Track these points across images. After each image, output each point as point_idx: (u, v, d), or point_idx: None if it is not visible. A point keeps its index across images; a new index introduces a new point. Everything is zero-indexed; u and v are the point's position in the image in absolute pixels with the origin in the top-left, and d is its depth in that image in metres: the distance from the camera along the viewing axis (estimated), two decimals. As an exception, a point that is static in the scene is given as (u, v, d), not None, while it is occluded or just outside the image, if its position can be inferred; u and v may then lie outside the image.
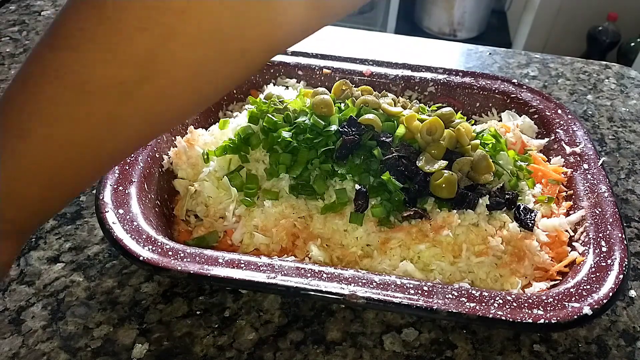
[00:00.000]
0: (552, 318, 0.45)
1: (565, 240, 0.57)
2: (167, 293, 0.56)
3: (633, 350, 0.53)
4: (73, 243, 0.61)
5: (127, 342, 0.51)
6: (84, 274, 0.58)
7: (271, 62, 0.76)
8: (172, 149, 0.66)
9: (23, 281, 0.57)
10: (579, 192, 0.60)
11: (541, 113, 0.72)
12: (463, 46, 1.09)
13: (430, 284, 0.48)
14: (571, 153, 0.65)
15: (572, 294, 0.48)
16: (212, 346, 0.51)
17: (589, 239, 0.54)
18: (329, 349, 0.52)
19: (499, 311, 0.46)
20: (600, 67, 1.02)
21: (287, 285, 0.48)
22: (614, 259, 0.51)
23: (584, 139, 0.66)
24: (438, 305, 0.46)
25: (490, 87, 0.75)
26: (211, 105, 0.74)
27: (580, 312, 0.46)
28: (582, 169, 0.63)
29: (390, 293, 0.47)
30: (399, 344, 0.52)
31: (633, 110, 0.91)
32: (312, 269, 0.49)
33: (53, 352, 0.50)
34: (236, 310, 0.55)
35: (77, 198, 0.67)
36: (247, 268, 0.49)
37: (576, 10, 2.29)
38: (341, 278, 0.48)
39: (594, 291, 0.48)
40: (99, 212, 0.52)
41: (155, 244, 0.50)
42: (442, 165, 0.56)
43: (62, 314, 0.54)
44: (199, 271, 0.48)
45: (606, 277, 0.49)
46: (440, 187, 0.55)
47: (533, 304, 0.47)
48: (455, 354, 0.52)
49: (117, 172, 0.57)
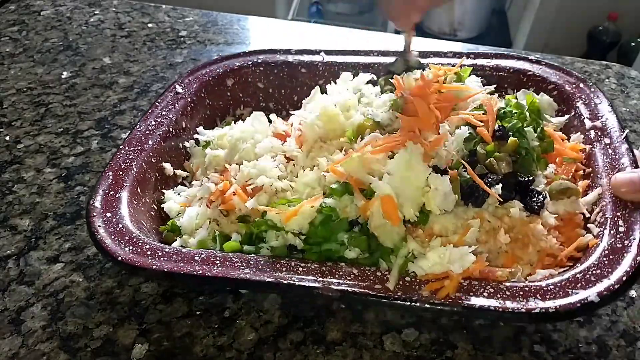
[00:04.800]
0: (550, 307, 0.41)
1: (579, 222, 0.52)
2: (167, 293, 0.56)
3: (633, 350, 0.53)
4: (73, 243, 0.61)
5: (127, 342, 0.51)
6: (84, 274, 0.58)
7: (274, 62, 0.76)
8: (185, 162, 0.67)
9: (23, 281, 0.57)
10: (597, 168, 0.54)
11: (561, 89, 0.66)
12: (463, 46, 1.09)
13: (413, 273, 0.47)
14: (592, 127, 0.59)
15: (577, 279, 0.43)
16: (212, 346, 0.51)
17: (604, 219, 0.49)
18: (329, 349, 0.52)
19: (488, 300, 0.42)
20: (600, 67, 1.02)
21: (261, 280, 0.47)
22: (633, 239, 0.45)
23: (607, 112, 0.60)
24: (418, 296, 0.44)
25: (505, 67, 0.71)
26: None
27: (585, 300, 0.41)
28: (602, 143, 0.56)
29: (367, 284, 0.45)
30: (399, 344, 0.52)
31: (633, 110, 0.91)
32: (287, 263, 0.49)
33: (53, 352, 0.50)
34: (236, 310, 0.54)
35: (77, 198, 0.67)
36: (222, 265, 0.49)
37: (576, 10, 2.29)
38: (316, 271, 0.47)
39: (604, 276, 0.43)
40: (87, 216, 0.53)
41: (137, 244, 0.51)
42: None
43: (61, 314, 0.54)
44: (172, 269, 0.48)
45: (621, 260, 0.44)
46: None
47: (529, 292, 0.43)
48: (456, 354, 0.52)
49: (111, 178, 0.57)
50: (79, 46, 0.99)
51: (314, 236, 0.52)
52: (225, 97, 0.76)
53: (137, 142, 0.62)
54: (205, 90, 0.73)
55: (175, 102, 0.69)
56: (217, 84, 0.74)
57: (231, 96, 0.76)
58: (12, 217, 0.64)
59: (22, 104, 0.83)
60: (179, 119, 0.68)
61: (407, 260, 0.49)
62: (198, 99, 0.72)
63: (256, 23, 1.12)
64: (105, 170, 0.58)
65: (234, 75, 0.75)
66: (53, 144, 0.76)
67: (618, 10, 2.25)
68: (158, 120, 0.66)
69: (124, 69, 0.93)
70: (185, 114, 0.69)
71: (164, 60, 0.96)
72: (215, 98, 0.74)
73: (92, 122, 0.80)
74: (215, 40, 1.04)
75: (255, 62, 0.76)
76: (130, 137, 0.63)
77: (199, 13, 1.13)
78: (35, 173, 0.71)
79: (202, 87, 0.73)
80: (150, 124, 0.65)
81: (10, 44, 0.98)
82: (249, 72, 0.76)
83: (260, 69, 0.76)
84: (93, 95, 0.86)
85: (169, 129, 0.66)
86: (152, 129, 0.65)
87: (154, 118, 0.66)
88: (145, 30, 1.06)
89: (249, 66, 0.76)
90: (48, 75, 0.90)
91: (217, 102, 0.75)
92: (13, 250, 0.60)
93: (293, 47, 0.78)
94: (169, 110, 0.68)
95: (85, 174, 0.71)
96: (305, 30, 1.14)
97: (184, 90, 0.71)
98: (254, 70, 0.76)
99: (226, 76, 0.75)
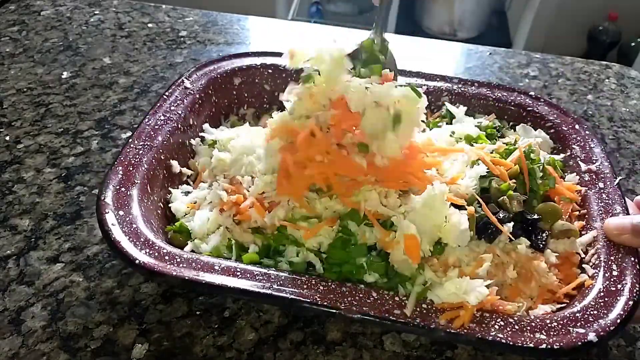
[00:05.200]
0: (554, 343, 0.44)
1: (575, 262, 0.55)
2: (166, 293, 0.56)
3: (633, 350, 0.53)
4: (72, 243, 0.61)
5: (127, 343, 0.51)
6: (84, 274, 0.58)
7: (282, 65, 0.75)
8: (190, 160, 0.67)
9: (22, 281, 0.57)
10: (592, 211, 0.58)
11: (557, 128, 0.69)
12: (463, 46, 1.09)
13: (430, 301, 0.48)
14: (587, 170, 0.62)
15: (577, 318, 0.46)
16: (212, 346, 0.51)
17: (599, 262, 0.52)
18: (329, 349, 0.52)
19: (499, 333, 0.45)
20: (600, 67, 1.02)
21: (282, 296, 0.47)
22: (625, 284, 0.48)
23: (601, 157, 0.63)
24: (436, 325, 0.45)
25: (507, 99, 0.73)
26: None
27: (585, 339, 0.44)
28: (597, 187, 0.60)
29: (386, 309, 0.46)
30: (399, 344, 0.52)
31: (633, 110, 0.91)
32: (309, 280, 0.48)
33: (53, 352, 0.50)
34: (236, 310, 0.54)
35: (77, 198, 0.67)
36: (243, 276, 0.48)
37: (576, 10, 2.29)
38: (337, 292, 0.47)
39: (601, 317, 0.46)
40: (99, 212, 0.52)
41: (153, 247, 0.50)
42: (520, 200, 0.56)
43: (61, 314, 0.54)
44: (193, 277, 0.47)
45: (615, 303, 0.47)
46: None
47: (536, 327, 0.45)
48: (456, 354, 0.52)
49: (121, 173, 0.56)
50: (79, 46, 0.99)
51: (333, 257, 0.52)
52: (232, 95, 0.75)
53: (147, 137, 0.61)
54: (212, 87, 0.72)
55: (184, 98, 0.69)
56: (224, 81, 0.74)
57: (237, 95, 0.75)
58: (12, 217, 0.64)
59: (22, 104, 0.83)
60: (187, 115, 0.67)
61: (425, 289, 0.49)
62: (205, 95, 0.71)
63: (256, 23, 1.12)
64: (115, 164, 0.57)
65: (242, 74, 0.75)
66: (53, 144, 0.76)
67: (618, 10, 2.25)
68: (167, 115, 0.65)
69: (124, 69, 0.93)
70: (193, 110, 0.69)
71: (164, 60, 0.96)
72: (221, 96, 0.74)
73: (92, 122, 0.80)
74: (215, 40, 1.04)
75: (264, 63, 0.76)
76: (140, 131, 0.62)
77: (199, 13, 1.13)
78: (35, 173, 0.71)
79: (210, 84, 0.72)
80: (160, 119, 0.64)
81: (10, 44, 0.98)
82: (257, 73, 0.75)
83: (268, 71, 0.75)
84: (93, 96, 0.86)
85: (177, 125, 0.65)
86: (161, 124, 0.64)
87: (163, 112, 0.65)
88: (145, 30, 1.06)
89: (257, 67, 0.75)
90: (48, 75, 0.90)
91: (223, 100, 0.74)
92: (13, 250, 0.60)
93: (293, 47, 0.78)
94: (178, 106, 0.67)
95: (85, 174, 0.71)
96: (305, 30, 1.14)
97: (192, 85, 0.71)
98: (262, 72, 0.75)
99: (234, 74, 0.75)
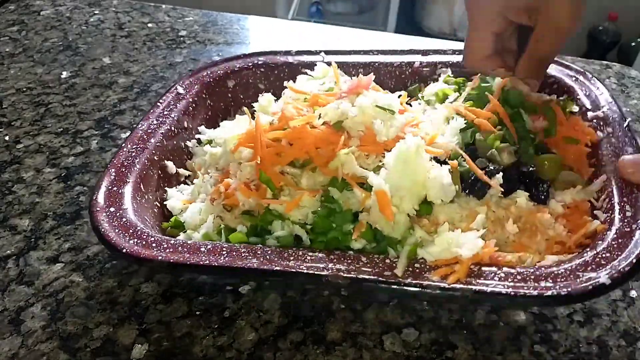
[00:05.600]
0: (562, 289, 0.41)
1: (586, 209, 0.52)
2: (166, 293, 0.56)
3: (634, 350, 0.53)
4: (72, 243, 0.61)
5: (126, 343, 0.51)
6: (84, 274, 0.58)
7: (274, 63, 0.76)
8: (187, 161, 0.67)
9: (22, 281, 0.57)
10: (601, 156, 0.55)
11: (560, 82, 0.66)
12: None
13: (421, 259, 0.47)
14: (594, 117, 0.60)
15: (588, 263, 0.43)
16: (212, 346, 0.51)
17: (611, 205, 0.49)
18: (329, 349, 0.52)
19: (499, 284, 0.42)
20: (600, 67, 1.02)
21: (268, 269, 0.46)
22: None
23: (608, 102, 0.60)
24: (429, 282, 0.44)
25: None
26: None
27: (597, 282, 0.41)
28: (605, 132, 0.57)
29: (376, 271, 0.45)
30: (399, 344, 0.52)
31: (634, 110, 0.90)
32: (295, 252, 0.48)
33: (53, 352, 0.50)
34: (236, 310, 0.54)
35: (76, 198, 0.67)
36: (229, 255, 0.48)
37: (576, 10, 2.29)
38: (324, 260, 0.47)
39: (614, 259, 0.43)
40: (90, 211, 0.53)
41: (141, 237, 0.51)
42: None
43: (61, 314, 0.53)
44: (178, 260, 0.48)
45: (629, 243, 0.44)
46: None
47: (541, 276, 0.43)
48: (456, 354, 0.52)
49: (113, 175, 0.57)
50: (79, 46, 0.99)
51: (318, 226, 0.52)
52: (227, 98, 0.76)
53: (139, 140, 0.62)
54: (206, 92, 0.73)
55: (177, 102, 0.69)
56: (218, 85, 0.74)
57: (232, 97, 0.76)
58: (11, 217, 0.64)
59: (22, 104, 0.83)
60: (180, 118, 0.68)
61: (415, 247, 0.48)
62: (199, 99, 0.72)
63: (256, 23, 1.12)
64: (108, 167, 0.58)
65: (234, 76, 0.75)
66: (53, 144, 0.76)
67: (618, 10, 2.25)
68: (160, 120, 0.66)
69: (123, 69, 0.93)
70: (187, 113, 0.69)
71: (164, 60, 0.96)
72: (216, 99, 0.74)
73: (92, 122, 0.80)
74: (215, 40, 1.04)
75: (255, 63, 0.76)
76: (132, 136, 0.63)
77: (199, 13, 1.13)
78: (35, 173, 0.71)
79: (203, 89, 0.73)
80: (152, 123, 0.65)
81: (10, 44, 0.98)
82: (249, 74, 0.76)
83: (261, 70, 0.76)
84: (93, 95, 0.86)
85: (171, 128, 0.66)
86: (154, 128, 0.65)
87: (156, 117, 0.66)
88: (145, 30, 1.06)
89: (249, 67, 0.76)
90: (48, 75, 0.90)
91: (219, 103, 0.75)
92: (13, 250, 0.60)
93: (293, 47, 0.78)
94: (171, 110, 0.68)
95: (85, 174, 0.71)
96: (305, 30, 1.14)
97: (185, 91, 0.71)
98: (254, 72, 0.76)
99: (227, 78, 0.75)
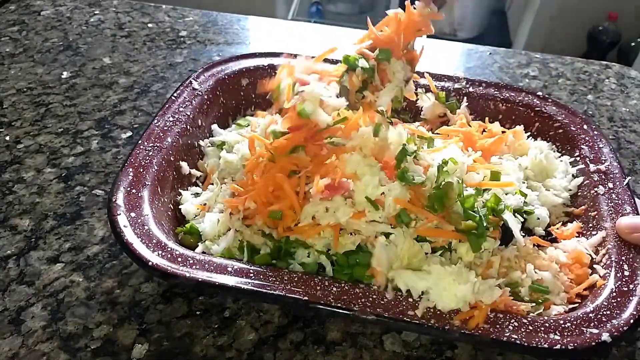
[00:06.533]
0: (569, 344, 0.44)
1: (586, 262, 0.55)
2: (166, 293, 0.56)
3: (634, 350, 0.53)
4: (73, 243, 0.61)
5: (127, 343, 0.51)
6: (84, 274, 0.58)
7: (274, 66, 0.75)
8: (199, 162, 0.66)
9: (23, 281, 0.57)
10: (602, 211, 0.58)
11: (566, 128, 0.69)
12: (463, 46, 1.09)
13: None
14: (596, 171, 0.62)
15: (590, 319, 0.46)
16: (212, 346, 0.51)
17: (610, 262, 0.52)
18: (329, 349, 0.52)
19: (513, 334, 0.45)
20: (600, 67, 1.02)
21: (296, 297, 0.47)
22: (637, 284, 0.49)
23: (610, 157, 0.64)
24: (450, 326, 0.45)
25: (515, 100, 0.73)
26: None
27: (599, 339, 0.44)
28: (606, 187, 0.60)
29: (400, 310, 0.46)
30: (399, 344, 0.52)
31: (633, 110, 0.91)
32: (322, 282, 0.48)
33: (53, 352, 0.50)
34: (236, 310, 0.54)
35: (77, 198, 0.67)
36: (256, 278, 0.48)
37: (576, 10, 2.29)
38: (350, 293, 0.47)
39: (614, 317, 0.46)
40: (110, 214, 0.52)
41: (165, 249, 0.50)
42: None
43: (61, 314, 0.54)
44: (207, 279, 0.47)
45: (628, 303, 0.47)
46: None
47: (550, 328, 0.45)
48: (456, 354, 0.52)
49: (131, 175, 0.56)
50: (79, 46, 0.99)
51: (342, 262, 0.52)
52: (239, 96, 0.75)
53: (156, 138, 0.61)
54: (220, 88, 0.73)
55: (193, 99, 0.69)
56: (232, 82, 0.74)
57: (244, 96, 0.75)
58: (12, 217, 0.64)
59: (22, 104, 0.83)
60: (195, 116, 0.67)
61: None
62: (213, 96, 0.71)
63: (256, 23, 1.12)
64: (125, 166, 0.57)
65: (249, 75, 0.75)
66: (53, 144, 0.76)
67: (618, 10, 2.25)
68: (176, 117, 0.65)
69: (124, 69, 0.93)
70: (201, 111, 0.69)
71: (164, 60, 0.96)
72: (229, 97, 0.74)
73: (92, 122, 0.80)
74: (215, 40, 1.04)
75: (272, 64, 0.75)
76: (149, 132, 0.62)
77: (199, 13, 1.13)
78: (35, 173, 0.71)
79: (217, 85, 0.72)
80: (168, 120, 0.64)
81: (10, 44, 0.98)
82: (264, 74, 0.75)
83: (275, 71, 0.75)
84: (93, 95, 0.86)
85: (186, 126, 0.65)
86: (170, 125, 0.64)
87: (172, 114, 0.65)
88: (145, 30, 1.06)
89: (264, 67, 0.75)
90: (48, 75, 0.90)
91: (231, 101, 0.74)
92: (13, 250, 0.60)
93: (293, 48, 0.78)
94: (186, 107, 0.67)
95: (85, 174, 0.71)
96: (305, 31, 1.14)
97: (200, 86, 0.71)
98: (269, 72, 0.75)
99: (242, 76, 0.75)
